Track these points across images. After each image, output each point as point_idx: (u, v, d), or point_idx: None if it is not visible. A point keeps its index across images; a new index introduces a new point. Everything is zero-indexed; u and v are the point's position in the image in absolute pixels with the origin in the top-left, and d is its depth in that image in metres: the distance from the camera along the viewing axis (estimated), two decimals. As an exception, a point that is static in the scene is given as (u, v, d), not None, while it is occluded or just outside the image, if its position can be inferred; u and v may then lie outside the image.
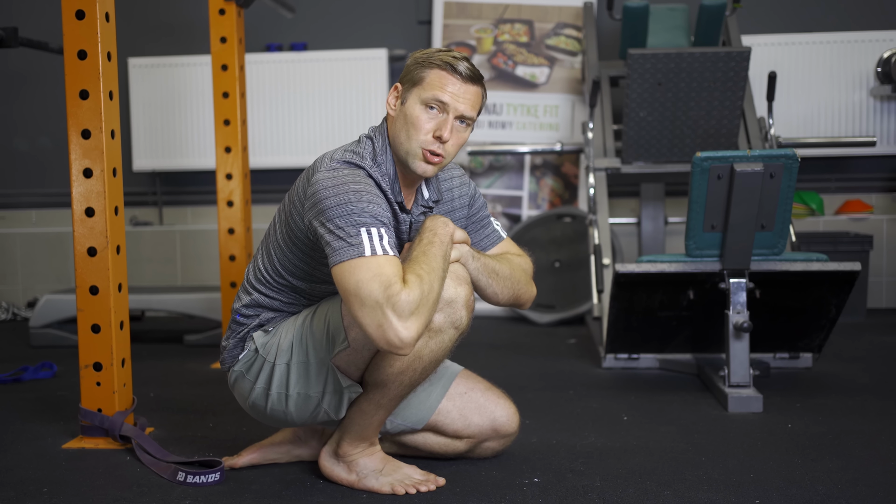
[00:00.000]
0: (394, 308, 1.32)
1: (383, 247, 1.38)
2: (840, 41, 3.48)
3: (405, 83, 1.53)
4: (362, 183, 1.46)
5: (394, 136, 1.55)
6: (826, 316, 2.34)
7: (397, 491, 1.57)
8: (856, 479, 1.61)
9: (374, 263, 1.35)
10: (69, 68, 1.83)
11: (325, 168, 1.49)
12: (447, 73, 1.50)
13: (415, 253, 1.45)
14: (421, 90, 1.50)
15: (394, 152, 1.56)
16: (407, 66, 1.55)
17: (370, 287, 1.33)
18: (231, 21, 2.63)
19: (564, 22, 3.65)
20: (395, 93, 1.55)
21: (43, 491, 1.62)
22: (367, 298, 1.33)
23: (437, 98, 1.49)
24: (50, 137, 3.89)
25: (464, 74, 1.50)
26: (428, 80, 1.50)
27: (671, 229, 3.58)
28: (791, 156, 2.04)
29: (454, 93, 1.49)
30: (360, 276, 1.35)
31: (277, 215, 1.62)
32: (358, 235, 1.38)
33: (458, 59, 1.51)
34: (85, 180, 1.84)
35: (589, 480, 1.63)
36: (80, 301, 1.86)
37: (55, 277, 3.86)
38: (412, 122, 1.51)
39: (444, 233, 1.49)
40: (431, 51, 1.54)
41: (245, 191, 2.72)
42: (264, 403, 1.61)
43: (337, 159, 1.51)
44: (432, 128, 1.50)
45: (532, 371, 2.59)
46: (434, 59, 1.51)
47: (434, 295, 1.39)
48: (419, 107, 1.50)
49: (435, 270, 1.41)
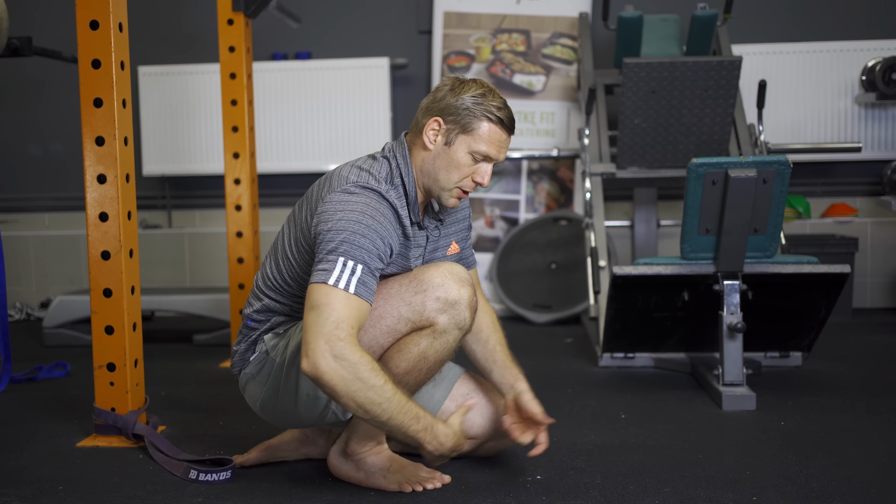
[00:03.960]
0: (326, 344, 1.38)
1: (352, 283, 1.42)
2: (826, 50, 3.57)
3: (450, 123, 1.55)
4: (369, 213, 1.48)
5: (429, 169, 1.58)
6: (816, 316, 2.40)
7: (404, 489, 1.60)
8: (849, 476, 1.65)
9: (335, 297, 1.40)
10: (83, 77, 1.87)
11: (340, 190, 1.52)
12: (498, 128, 1.55)
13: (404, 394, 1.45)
14: (472, 140, 1.55)
15: (422, 180, 1.59)
16: (454, 104, 1.55)
17: (322, 314, 1.39)
18: (239, 31, 2.68)
19: (560, 32, 3.72)
20: (437, 128, 1.57)
21: (59, 489, 1.65)
22: (314, 319, 1.40)
23: (486, 154, 1.56)
24: (62, 143, 3.95)
25: (510, 128, 1.57)
26: (479, 132, 1.55)
27: (663, 232, 3.65)
28: (784, 162, 2.10)
29: (500, 146, 1.57)
30: (320, 298, 1.41)
31: (287, 224, 1.65)
32: (335, 262, 1.43)
33: (505, 110, 1.56)
34: (99, 186, 1.88)
35: (590, 478, 1.67)
36: (94, 303, 1.90)
37: (68, 279, 3.91)
38: (456, 166, 1.56)
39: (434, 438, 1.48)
40: (476, 90, 1.55)
41: (252, 195, 2.77)
42: (274, 405, 1.64)
43: (353, 182, 1.53)
44: (472, 171, 1.57)
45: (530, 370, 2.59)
46: (487, 111, 1.54)
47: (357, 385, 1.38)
48: (467, 155, 1.56)
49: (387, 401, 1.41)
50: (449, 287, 1.52)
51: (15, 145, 3.99)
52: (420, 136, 1.59)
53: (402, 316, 1.53)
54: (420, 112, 1.60)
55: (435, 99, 1.58)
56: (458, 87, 1.56)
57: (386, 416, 1.42)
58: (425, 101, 1.60)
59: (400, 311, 1.53)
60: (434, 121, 1.57)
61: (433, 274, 1.54)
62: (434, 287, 1.52)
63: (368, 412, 1.42)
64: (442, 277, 1.53)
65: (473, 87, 1.56)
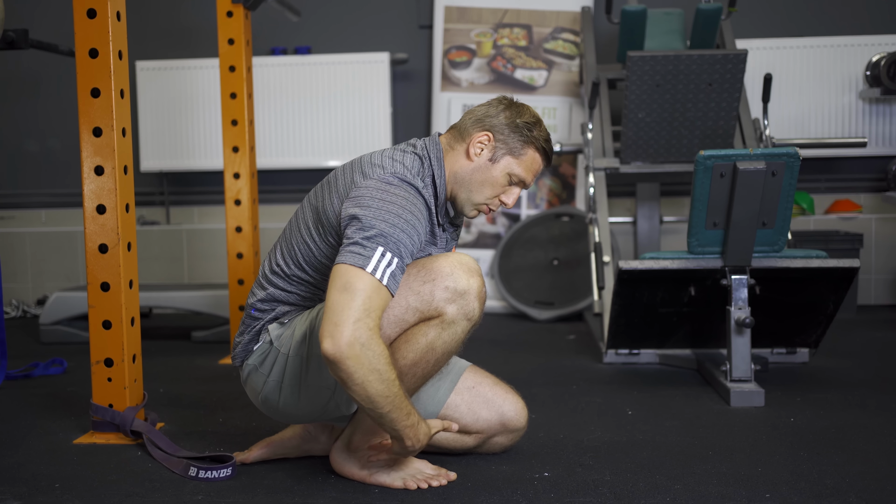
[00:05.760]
0: (355, 329, 1.36)
1: (386, 274, 1.41)
2: (830, 45, 3.54)
3: (500, 142, 1.60)
4: (408, 207, 1.49)
5: (465, 178, 1.61)
6: (824, 312, 2.38)
7: (409, 486, 1.58)
8: (862, 473, 1.63)
9: (370, 284, 1.39)
10: (80, 66, 1.83)
11: (377, 178, 1.52)
12: (541, 158, 1.64)
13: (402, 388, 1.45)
14: (515, 164, 1.61)
15: (452, 185, 1.62)
16: (507, 125, 1.60)
17: (356, 299, 1.37)
18: (239, 23, 2.65)
19: (562, 26, 3.69)
20: (486, 142, 1.60)
21: (55, 486, 1.62)
22: (346, 302, 1.37)
23: (523, 179, 1.63)
24: (59, 139, 3.91)
25: (549, 161, 1.66)
26: (524, 158, 1.61)
27: (666, 228, 3.62)
28: (793, 154, 2.07)
29: (535, 174, 1.65)
30: (354, 281, 1.39)
31: (302, 209, 1.64)
32: (374, 250, 1.41)
33: (549, 143, 1.64)
34: (96, 177, 1.85)
35: (599, 475, 1.64)
36: (91, 297, 1.87)
37: (64, 276, 3.88)
38: (491, 183, 1.61)
39: (414, 435, 1.48)
40: (530, 117, 1.62)
41: (252, 190, 2.73)
42: (277, 397, 1.61)
43: (390, 171, 1.53)
44: (502, 191, 1.63)
45: (534, 367, 2.61)
46: (536, 141, 1.61)
47: (374, 377, 1.37)
48: (505, 176, 1.61)
49: (393, 395, 1.40)
50: (458, 276, 1.50)
51: (11, 141, 3.95)
52: (463, 143, 1.62)
53: (409, 305, 1.50)
54: (470, 120, 1.63)
55: (489, 114, 1.62)
56: (514, 110, 1.62)
57: (387, 409, 1.42)
58: (478, 112, 1.63)
59: (408, 301, 1.50)
60: (484, 134, 1.60)
61: (442, 263, 1.52)
62: (443, 276, 1.50)
63: (374, 404, 1.41)
64: (451, 267, 1.51)
65: (528, 114, 1.63)
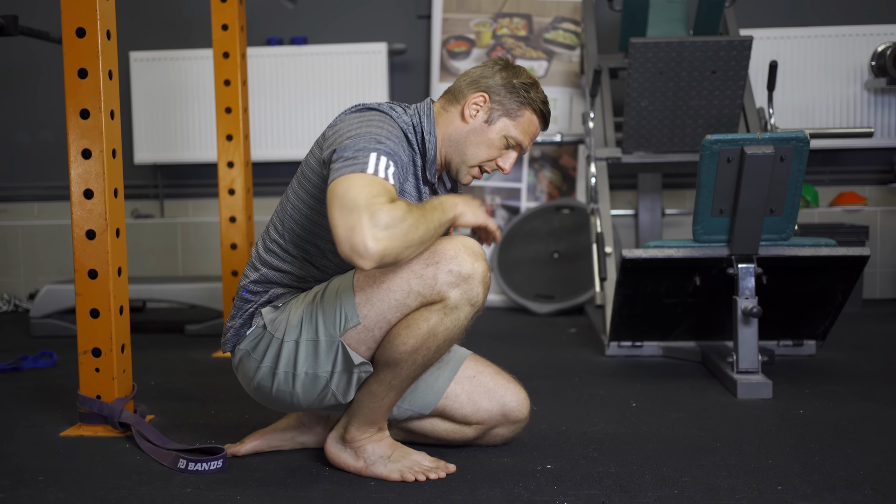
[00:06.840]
0: (371, 215, 1.27)
1: (387, 174, 1.35)
2: (835, 35, 3.50)
3: (496, 103, 1.57)
4: (387, 127, 1.45)
5: (459, 140, 1.58)
6: (832, 303, 2.32)
7: (406, 478, 1.53)
8: (877, 465, 1.58)
9: (370, 179, 1.32)
10: (67, 46, 1.78)
11: (352, 111, 1.52)
12: (539, 120, 1.60)
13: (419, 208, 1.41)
14: (512, 125, 1.58)
15: (445, 148, 1.59)
16: (504, 85, 1.57)
17: (356, 192, 1.30)
18: (233, 8, 2.60)
19: (562, 16, 3.63)
20: (481, 103, 1.57)
21: (39, 479, 1.57)
22: (349, 201, 1.29)
23: (519, 142, 1.59)
24: (51, 131, 3.86)
25: (546, 124, 1.62)
26: (522, 120, 1.58)
27: (668, 220, 3.57)
28: (802, 138, 2.02)
29: (532, 137, 1.61)
30: (351, 183, 1.31)
31: (294, 179, 1.61)
32: (366, 157, 1.36)
33: (547, 105, 1.61)
34: (83, 161, 1.79)
35: (603, 467, 1.59)
36: (78, 285, 1.81)
37: (57, 269, 3.83)
38: (487, 144, 1.58)
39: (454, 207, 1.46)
40: (527, 78, 1.58)
41: (246, 179, 2.68)
42: (270, 384, 1.56)
43: (364, 106, 1.52)
44: (498, 155, 1.60)
45: (536, 360, 2.56)
46: (533, 102, 1.58)
47: (413, 233, 1.31)
48: (502, 138, 1.58)
49: (428, 221, 1.37)
50: (462, 260, 1.44)
51: (2, 133, 3.90)
52: (457, 105, 1.59)
53: (411, 289, 1.44)
54: (464, 82, 1.60)
55: (484, 75, 1.59)
56: (511, 71, 1.59)
57: (430, 234, 1.37)
58: (473, 73, 1.60)
59: (410, 284, 1.44)
60: (480, 95, 1.58)
61: (446, 246, 1.45)
62: (447, 259, 1.44)
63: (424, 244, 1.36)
64: (455, 250, 1.45)
65: (524, 75, 1.59)
